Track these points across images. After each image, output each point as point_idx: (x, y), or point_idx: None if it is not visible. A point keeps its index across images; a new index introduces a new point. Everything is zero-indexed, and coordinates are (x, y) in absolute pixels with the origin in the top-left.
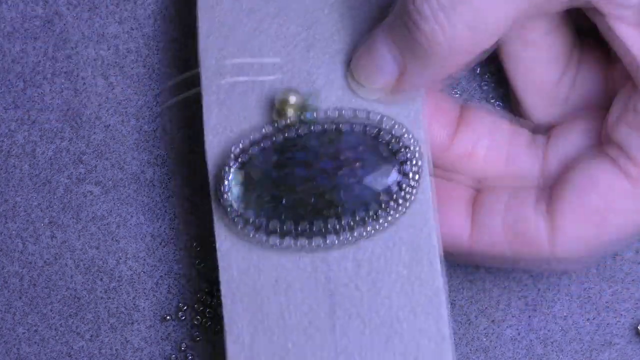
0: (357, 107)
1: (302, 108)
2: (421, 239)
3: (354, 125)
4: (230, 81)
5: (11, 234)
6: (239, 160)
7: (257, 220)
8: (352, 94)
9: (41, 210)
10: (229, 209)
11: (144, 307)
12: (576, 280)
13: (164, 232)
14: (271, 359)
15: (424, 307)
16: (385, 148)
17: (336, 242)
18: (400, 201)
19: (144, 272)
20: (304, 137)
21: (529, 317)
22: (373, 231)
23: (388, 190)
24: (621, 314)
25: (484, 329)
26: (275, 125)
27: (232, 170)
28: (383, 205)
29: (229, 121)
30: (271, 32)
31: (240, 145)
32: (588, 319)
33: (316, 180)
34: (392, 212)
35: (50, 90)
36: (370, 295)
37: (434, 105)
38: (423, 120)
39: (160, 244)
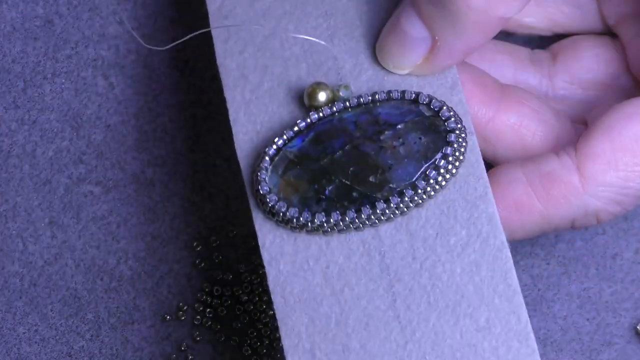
0: (389, 86)
1: (333, 101)
2: (476, 197)
3: (391, 93)
4: (254, 80)
5: (11, 234)
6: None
7: (299, 201)
8: (383, 73)
9: (41, 210)
10: (267, 198)
11: (144, 307)
12: (576, 280)
13: (164, 232)
14: (332, 348)
15: (490, 265)
16: (427, 108)
17: (386, 209)
18: (450, 157)
19: (144, 272)
20: (340, 112)
21: (529, 316)
22: (425, 196)
23: (436, 149)
24: (621, 314)
25: None
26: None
27: (267, 160)
28: (433, 164)
29: (257, 118)
30: (291, 28)
31: (274, 147)
32: (588, 319)
33: (358, 147)
34: (442, 170)
35: (50, 90)
36: (429, 265)
37: (475, 79)
38: (467, 90)
39: (160, 244)
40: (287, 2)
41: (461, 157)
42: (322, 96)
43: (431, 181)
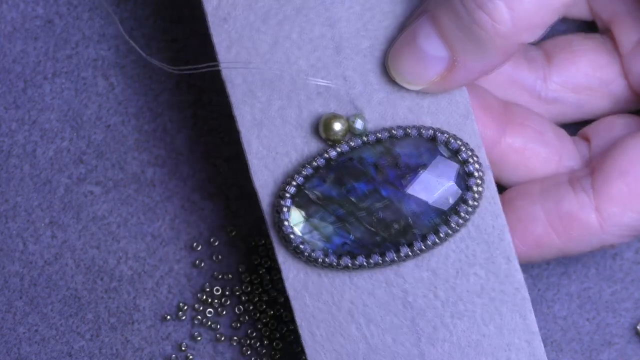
0: (402, 112)
1: (348, 131)
2: (494, 236)
3: (408, 129)
4: (264, 100)
5: (11, 234)
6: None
7: (324, 243)
8: (395, 96)
9: (42, 210)
10: (292, 237)
11: (144, 307)
12: (576, 280)
13: (164, 232)
14: None
15: (509, 305)
16: (445, 148)
17: (410, 253)
18: (470, 201)
19: (144, 272)
20: (358, 150)
21: None
22: (446, 237)
23: (457, 193)
24: (621, 314)
25: None
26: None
27: (288, 199)
28: (454, 209)
29: (271, 143)
30: (294, 36)
31: (294, 183)
32: (588, 319)
33: (381, 193)
34: (462, 213)
35: (50, 90)
36: (451, 303)
37: (480, 101)
38: (474, 114)
39: (160, 244)
40: (288, 5)
41: (480, 199)
42: (337, 126)
43: (452, 225)
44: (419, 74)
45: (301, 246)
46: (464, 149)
